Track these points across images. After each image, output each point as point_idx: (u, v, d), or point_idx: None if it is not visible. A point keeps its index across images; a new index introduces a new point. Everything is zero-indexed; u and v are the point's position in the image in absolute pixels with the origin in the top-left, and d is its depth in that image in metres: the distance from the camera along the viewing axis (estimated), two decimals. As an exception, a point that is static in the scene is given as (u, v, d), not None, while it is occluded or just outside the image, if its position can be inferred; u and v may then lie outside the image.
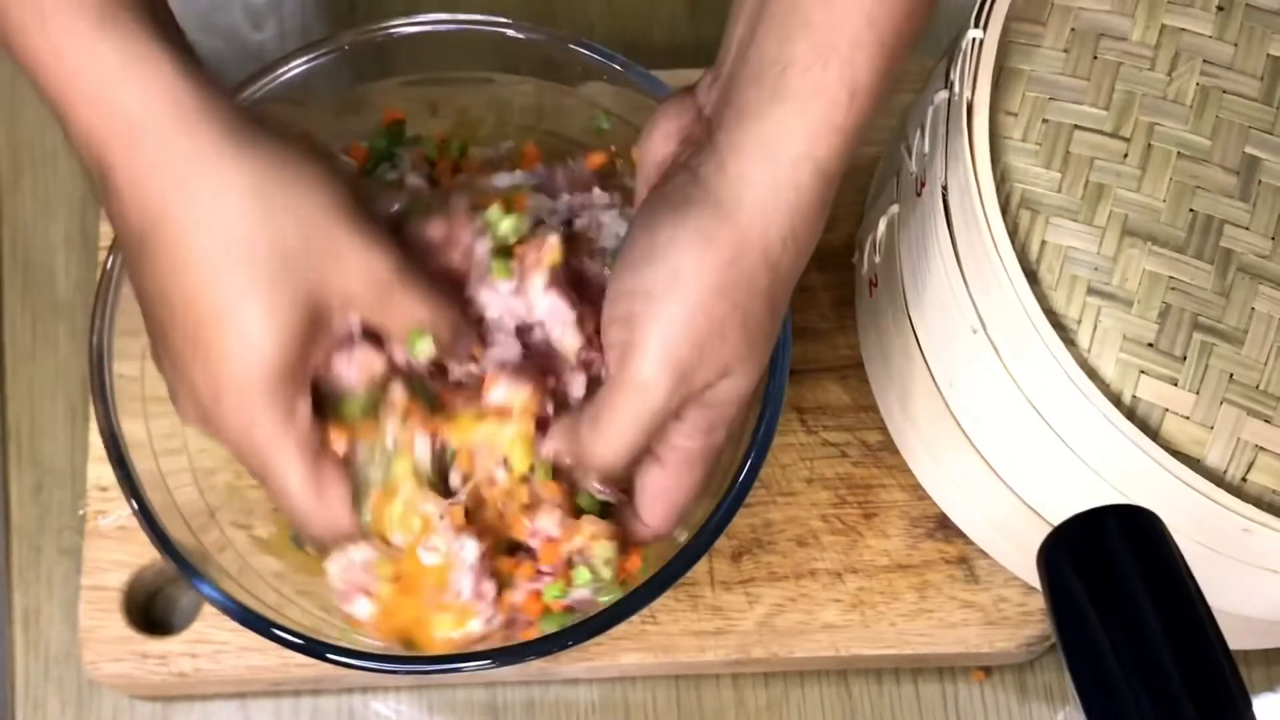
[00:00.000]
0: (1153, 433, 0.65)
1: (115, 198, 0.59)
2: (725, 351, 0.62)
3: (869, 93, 0.59)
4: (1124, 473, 0.66)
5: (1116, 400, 0.65)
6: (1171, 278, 0.67)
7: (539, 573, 0.67)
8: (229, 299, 0.58)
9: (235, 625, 0.67)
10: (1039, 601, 0.77)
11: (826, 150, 0.60)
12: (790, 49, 0.59)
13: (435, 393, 0.66)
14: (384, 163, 0.75)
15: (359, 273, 0.60)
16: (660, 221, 0.61)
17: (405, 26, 0.75)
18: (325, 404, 0.64)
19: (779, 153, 0.60)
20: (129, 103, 0.57)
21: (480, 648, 0.67)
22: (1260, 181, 0.68)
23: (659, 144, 0.65)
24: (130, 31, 0.57)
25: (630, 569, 0.69)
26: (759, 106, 0.60)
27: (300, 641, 0.66)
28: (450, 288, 0.66)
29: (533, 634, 0.68)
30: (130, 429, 0.70)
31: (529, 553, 0.68)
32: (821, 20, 0.59)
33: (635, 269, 0.61)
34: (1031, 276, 0.66)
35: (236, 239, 0.58)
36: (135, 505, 0.68)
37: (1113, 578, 0.52)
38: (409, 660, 0.67)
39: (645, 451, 0.65)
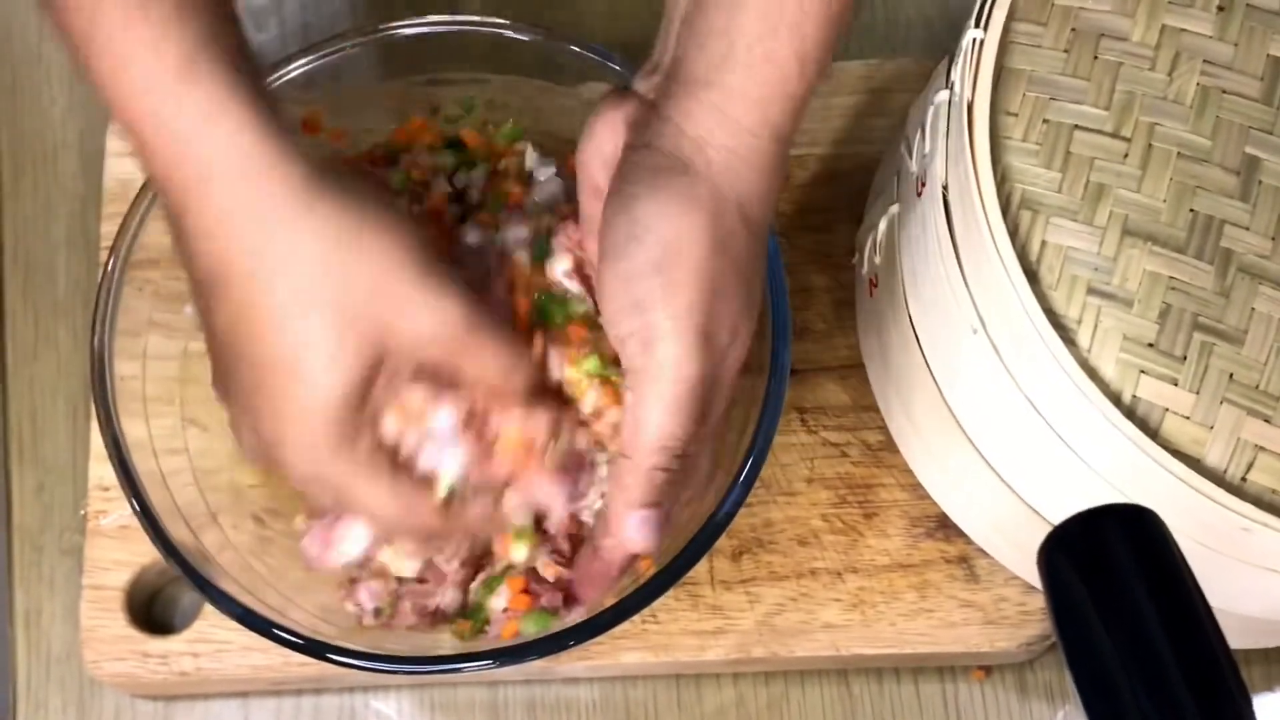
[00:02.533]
0: (1153, 432, 0.65)
1: (187, 239, 0.59)
2: (732, 309, 0.61)
3: (817, 61, 0.61)
4: (1124, 472, 0.66)
5: (1116, 400, 0.65)
6: (1172, 278, 0.67)
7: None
8: (295, 348, 0.59)
9: (237, 624, 0.68)
10: (1039, 601, 0.77)
11: (780, 115, 0.61)
12: (739, 19, 0.60)
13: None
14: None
15: (428, 322, 0.60)
16: (636, 199, 0.61)
17: (406, 27, 0.76)
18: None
19: (737, 117, 0.60)
20: (206, 155, 0.57)
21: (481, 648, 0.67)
22: (1260, 182, 0.68)
23: (605, 139, 0.64)
24: (210, 85, 0.56)
25: (643, 567, 0.69)
26: (710, 75, 0.60)
27: (301, 641, 0.67)
28: (521, 334, 0.66)
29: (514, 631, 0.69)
30: (131, 429, 0.71)
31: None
32: None
33: (625, 254, 0.61)
34: (1032, 276, 0.66)
35: (304, 288, 0.58)
36: (136, 505, 0.68)
37: (1113, 577, 0.52)
38: (409, 660, 0.67)
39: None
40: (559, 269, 0.68)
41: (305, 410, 0.59)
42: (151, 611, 0.79)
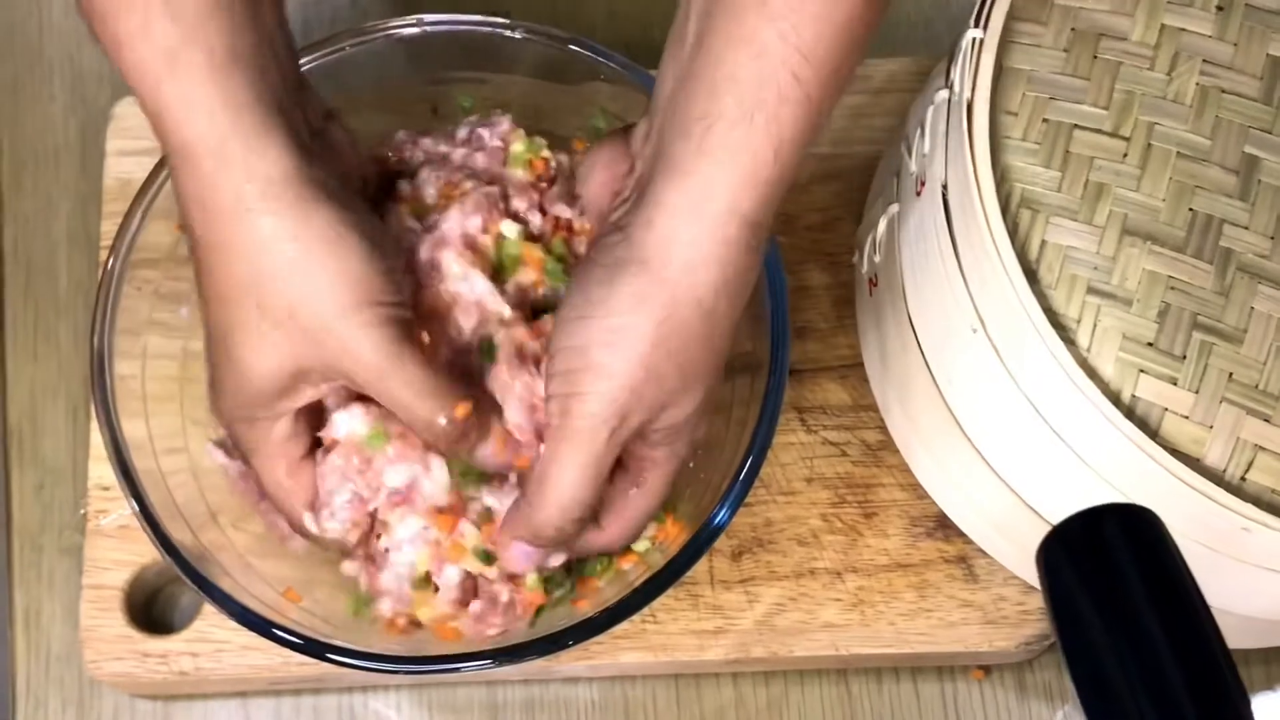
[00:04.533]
0: (1152, 432, 0.65)
1: (183, 200, 0.62)
2: (662, 394, 0.63)
3: (794, 146, 0.61)
4: (1123, 472, 0.66)
5: (1116, 399, 0.65)
6: (1171, 277, 0.67)
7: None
8: (231, 328, 0.63)
9: (236, 624, 0.67)
10: (1038, 601, 0.77)
11: (752, 204, 0.61)
12: (717, 104, 0.60)
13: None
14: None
15: (345, 362, 0.63)
16: (593, 282, 0.63)
17: (405, 27, 0.76)
18: None
19: (706, 208, 0.61)
20: (186, 137, 0.60)
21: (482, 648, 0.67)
22: (1260, 181, 0.68)
23: (595, 192, 0.68)
24: (190, 74, 0.60)
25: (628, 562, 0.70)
26: (685, 161, 0.61)
27: (300, 641, 0.66)
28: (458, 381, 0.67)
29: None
30: (131, 429, 0.70)
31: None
32: (748, 76, 0.59)
33: (573, 327, 0.63)
34: (1031, 276, 0.66)
35: (252, 280, 0.62)
36: (135, 505, 0.68)
37: (1112, 576, 0.52)
38: (409, 660, 0.67)
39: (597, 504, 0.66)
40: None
41: (231, 378, 0.64)
42: (151, 611, 0.79)
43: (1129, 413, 0.65)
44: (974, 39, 0.69)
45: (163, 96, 0.59)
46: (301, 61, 0.75)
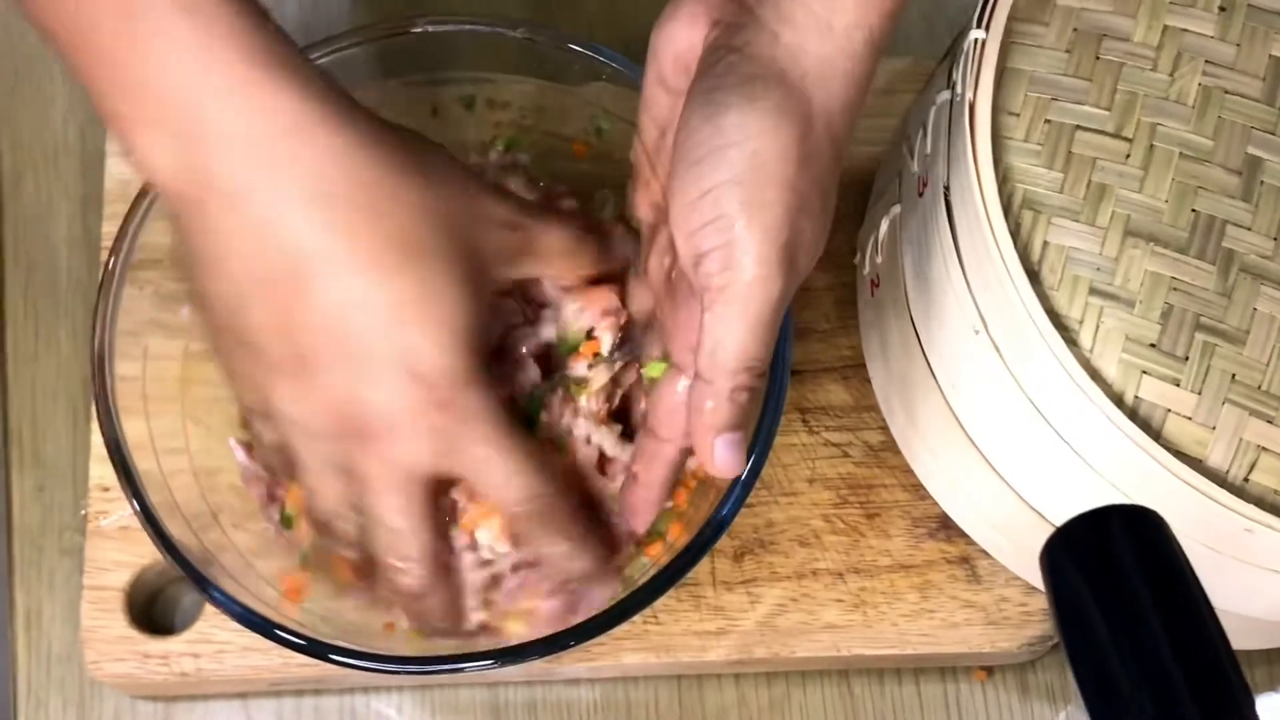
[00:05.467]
0: (1155, 433, 0.65)
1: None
2: (815, 226, 0.60)
3: None
4: (1126, 473, 0.66)
5: (1118, 401, 0.65)
6: (1173, 278, 0.67)
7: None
8: (335, 339, 0.58)
9: (237, 625, 0.67)
10: (1040, 602, 0.77)
11: (878, 18, 0.59)
12: None
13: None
14: None
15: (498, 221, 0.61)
16: (724, 106, 0.58)
17: (405, 27, 0.75)
18: None
19: (834, 21, 0.58)
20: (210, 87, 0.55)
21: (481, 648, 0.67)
22: (1262, 182, 0.68)
23: (682, 31, 0.62)
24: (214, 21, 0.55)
25: (653, 554, 0.70)
26: None
27: (302, 642, 0.66)
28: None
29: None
30: (131, 429, 0.70)
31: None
32: None
33: (708, 163, 0.58)
34: (1033, 277, 0.66)
35: (348, 289, 0.58)
36: (137, 505, 0.68)
37: (1116, 577, 0.52)
38: (411, 660, 0.67)
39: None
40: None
41: (311, 389, 0.59)
42: (152, 612, 0.79)
43: (1131, 414, 0.65)
44: (976, 39, 0.69)
45: (180, 30, 0.54)
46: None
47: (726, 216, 0.58)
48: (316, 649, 0.66)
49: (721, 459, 0.62)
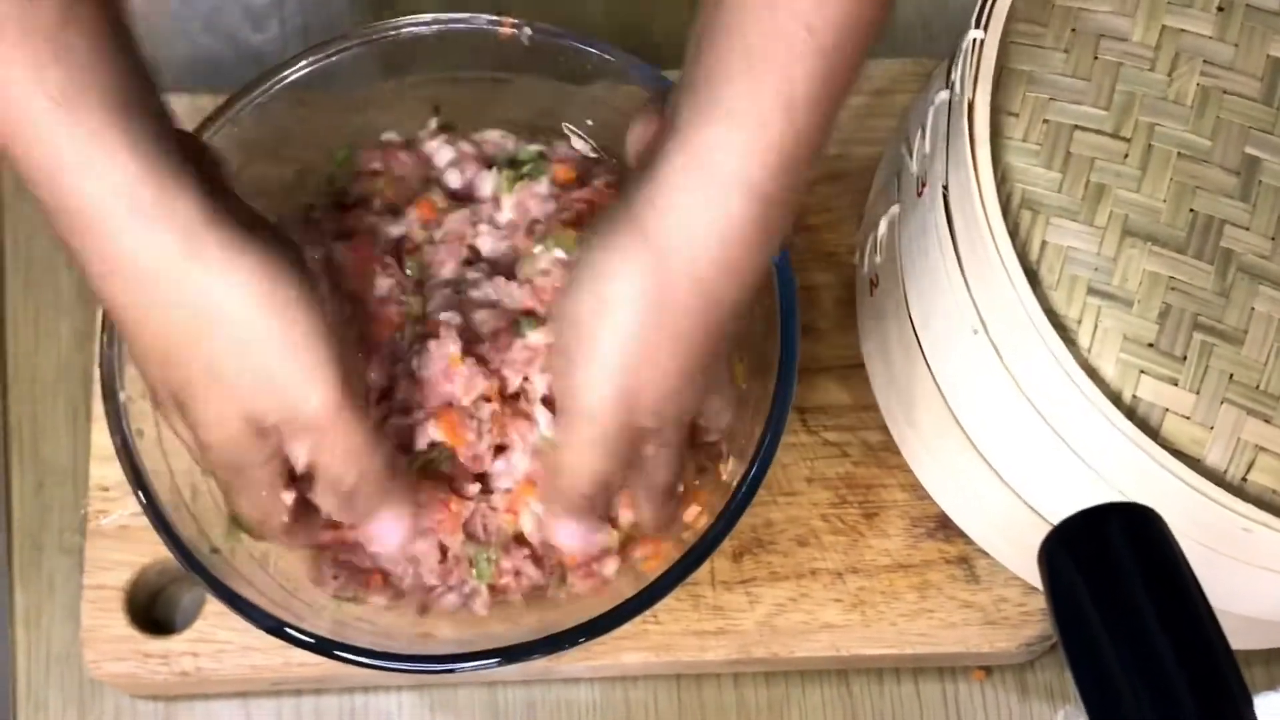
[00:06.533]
0: (1153, 433, 0.65)
1: (91, 276, 0.59)
2: (663, 373, 0.60)
3: (810, 107, 0.55)
4: (1124, 472, 0.66)
5: (1117, 400, 0.65)
6: (1172, 278, 0.67)
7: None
8: (185, 386, 0.60)
9: (237, 624, 0.67)
10: (1039, 601, 0.77)
11: (761, 171, 0.56)
12: (726, 64, 0.56)
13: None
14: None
15: (297, 406, 0.61)
16: (590, 249, 0.60)
17: (406, 27, 0.75)
18: None
19: (709, 175, 0.57)
20: (88, 193, 0.55)
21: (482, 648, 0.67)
22: (1260, 182, 0.68)
23: (632, 156, 0.65)
24: (89, 118, 0.54)
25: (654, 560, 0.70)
26: (689, 123, 0.57)
27: (311, 640, 0.66)
28: (383, 435, 0.67)
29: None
30: (136, 424, 0.70)
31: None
32: (755, 30, 0.55)
33: (571, 297, 0.61)
34: (1032, 276, 0.66)
35: (183, 341, 0.59)
36: (147, 506, 0.68)
37: (1114, 576, 0.52)
38: (415, 659, 0.67)
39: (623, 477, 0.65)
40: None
41: (202, 429, 0.62)
42: (152, 611, 0.79)
43: (1130, 413, 0.65)
44: (975, 40, 0.69)
45: (52, 149, 0.54)
46: (302, 62, 0.75)
47: (568, 349, 0.61)
48: (324, 646, 0.66)
49: (564, 542, 0.68)
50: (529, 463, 0.70)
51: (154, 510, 0.68)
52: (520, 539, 0.70)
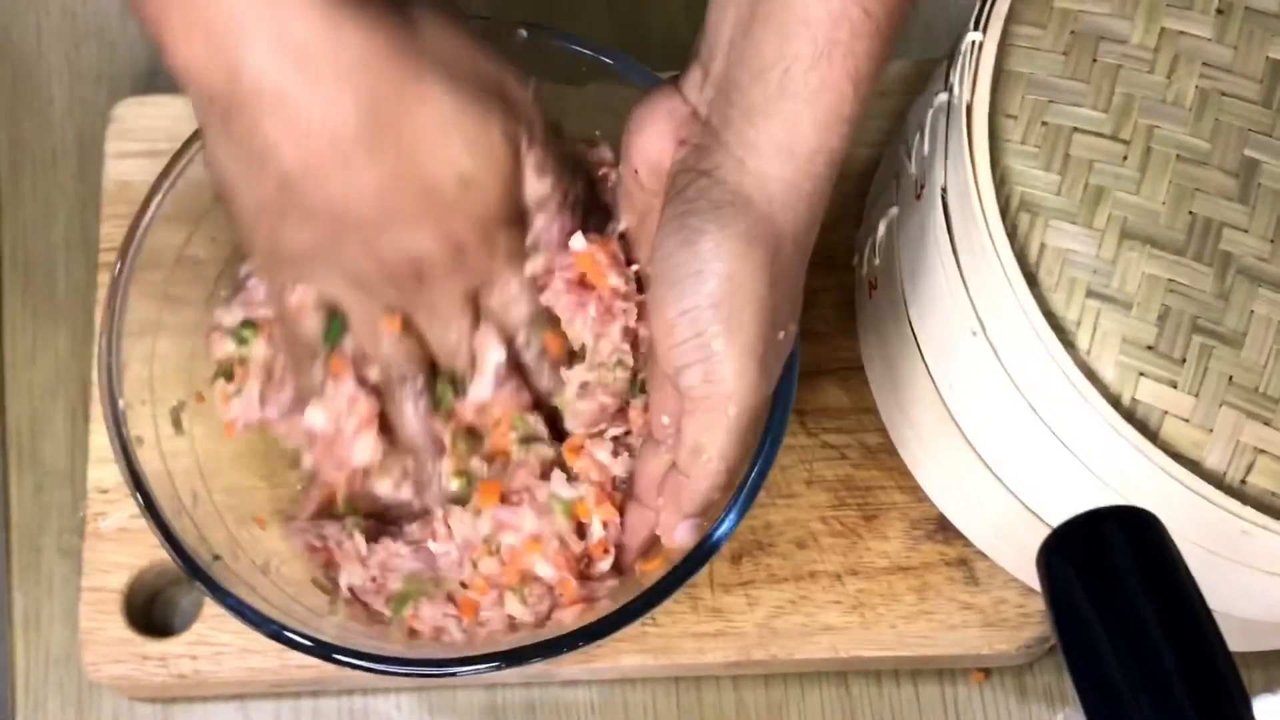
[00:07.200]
0: (1152, 435, 0.65)
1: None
2: (785, 336, 0.65)
3: (870, 80, 0.62)
4: (1123, 475, 0.66)
5: (1116, 402, 0.65)
6: (1171, 280, 0.67)
7: None
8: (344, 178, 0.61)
9: (235, 627, 0.67)
10: (1038, 603, 0.77)
11: (838, 140, 0.62)
12: (792, 46, 0.61)
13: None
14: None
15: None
16: (698, 231, 0.62)
17: (406, 28, 0.75)
18: None
19: (796, 148, 0.62)
20: None
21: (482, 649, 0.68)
22: (1259, 184, 0.68)
23: (652, 143, 0.66)
24: None
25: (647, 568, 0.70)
26: (767, 105, 0.62)
27: (310, 644, 0.66)
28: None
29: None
30: (137, 430, 0.70)
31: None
32: (820, 16, 0.61)
33: (689, 289, 0.62)
34: (1031, 279, 0.66)
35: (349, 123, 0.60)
36: (146, 510, 0.68)
37: (1113, 579, 0.52)
38: (413, 662, 0.67)
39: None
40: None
41: (365, 248, 0.63)
42: (150, 614, 0.79)
43: (1129, 416, 0.65)
44: (973, 41, 0.69)
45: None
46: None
47: (705, 335, 0.63)
48: (323, 650, 0.66)
49: (681, 539, 0.68)
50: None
51: (154, 516, 0.68)
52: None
